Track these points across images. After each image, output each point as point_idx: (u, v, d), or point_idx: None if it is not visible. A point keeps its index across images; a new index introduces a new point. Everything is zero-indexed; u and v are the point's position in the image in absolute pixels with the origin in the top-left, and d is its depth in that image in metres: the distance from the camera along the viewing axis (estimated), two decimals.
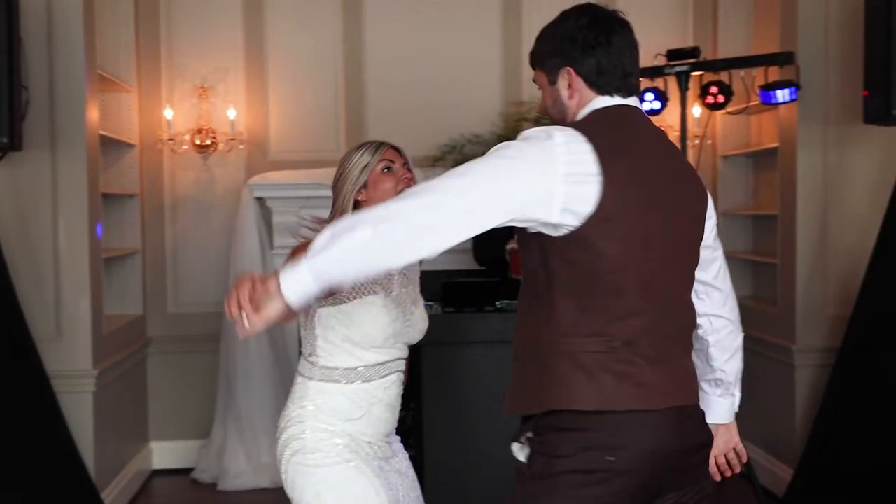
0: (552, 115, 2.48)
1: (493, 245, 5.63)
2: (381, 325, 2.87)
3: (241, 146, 6.45)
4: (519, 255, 2.43)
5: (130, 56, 6.27)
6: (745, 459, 2.80)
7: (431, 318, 4.99)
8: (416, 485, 3.10)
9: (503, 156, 2.20)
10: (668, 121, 6.25)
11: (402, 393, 3.04)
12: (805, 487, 5.12)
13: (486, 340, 5.01)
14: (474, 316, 5.03)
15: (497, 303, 5.08)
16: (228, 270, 6.25)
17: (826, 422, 5.05)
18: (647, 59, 6.16)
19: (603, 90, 2.38)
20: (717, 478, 2.74)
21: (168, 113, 6.36)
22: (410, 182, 2.98)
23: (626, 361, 2.23)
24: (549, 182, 2.17)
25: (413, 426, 5.83)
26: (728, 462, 2.78)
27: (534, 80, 2.54)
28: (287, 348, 6.33)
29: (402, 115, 6.53)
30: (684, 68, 5.65)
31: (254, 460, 6.07)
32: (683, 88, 5.66)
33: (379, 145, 3.02)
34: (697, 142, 6.31)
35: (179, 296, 6.52)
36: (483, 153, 2.32)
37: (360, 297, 2.86)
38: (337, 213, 3.00)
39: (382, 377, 2.94)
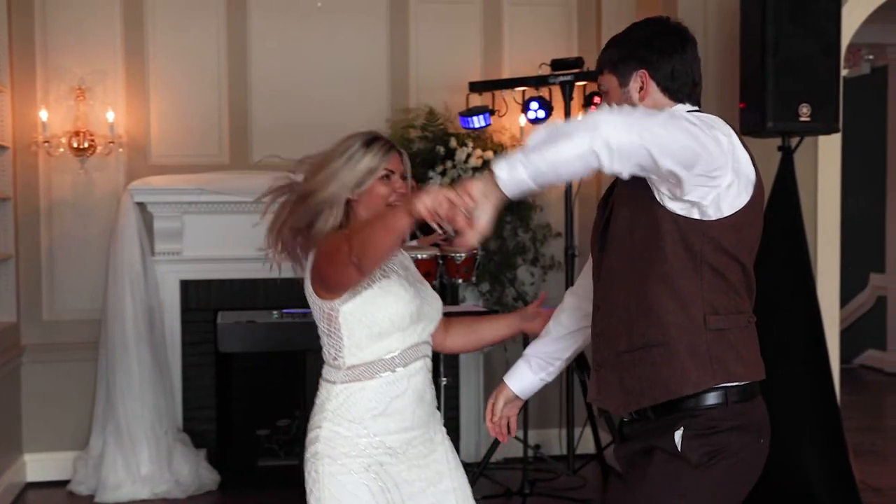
0: None
1: None
2: (405, 301, 2.74)
3: (121, 150, 6.30)
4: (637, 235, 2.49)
5: (3, 54, 6.07)
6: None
7: (314, 325, 5.00)
8: (453, 480, 2.91)
9: (691, 121, 2.33)
10: None
11: (430, 382, 2.89)
12: None
13: None
14: None
15: None
16: (107, 277, 6.10)
17: None
18: (531, 68, 6.28)
19: (675, 96, 2.57)
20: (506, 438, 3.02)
21: (43, 114, 6.18)
22: (402, 196, 2.82)
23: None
24: (726, 162, 2.37)
25: (298, 435, 5.78)
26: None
27: (598, 85, 2.67)
28: (168, 355, 6.21)
29: (288, 120, 6.47)
30: (568, 78, 5.74)
31: (133, 471, 5.93)
32: (567, 98, 5.75)
33: (388, 150, 2.84)
34: None
35: (55, 302, 6.34)
36: None
37: (377, 280, 2.76)
38: (326, 205, 2.78)
39: (406, 365, 2.80)
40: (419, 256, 5.18)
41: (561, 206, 6.11)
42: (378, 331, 2.75)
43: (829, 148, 5.50)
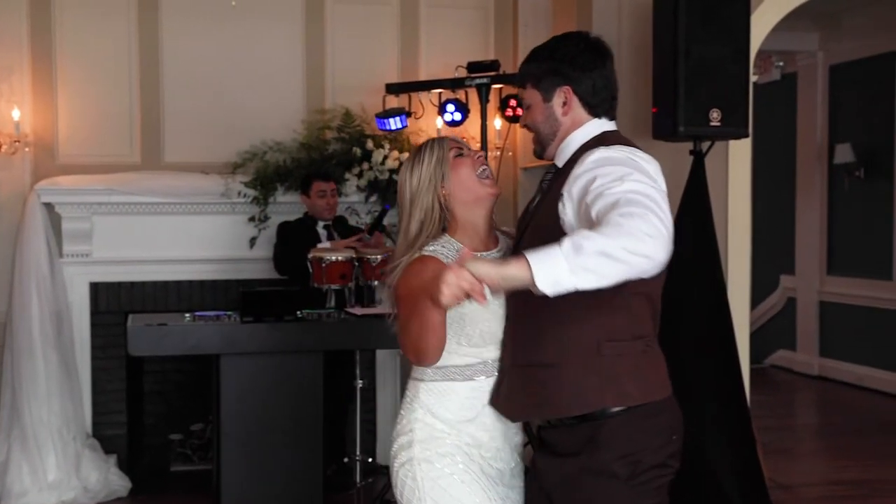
0: (541, 131, 2.66)
1: (294, 254, 5.58)
2: (498, 316, 2.64)
3: (27, 149, 6.16)
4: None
5: None
6: None
7: (228, 327, 4.95)
8: None
9: (646, 176, 2.40)
10: (470, 132, 6.34)
11: None
12: None
13: (286, 350, 4.96)
14: (273, 326, 4.96)
15: (298, 312, 5.03)
16: (12, 279, 5.97)
17: None
18: (448, 70, 6.28)
19: (594, 111, 2.65)
20: None
21: None
22: (483, 160, 2.82)
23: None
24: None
25: (211, 438, 5.71)
26: None
27: (521, 98, 2.74)
28: (77, 359, 6.10)
29: (202, 120, 6.39)
30: (484, 81, 5.75)
31: (39, 478, 5.80)
32: (483, 100, 5.76)
33: (440, 139, 2.81)
34: (498, 153, 6.42)
35: None
36: (285, 161, 2.34)
37: None
38: (428, 221, 2.73)
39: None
40: (334, 258, 5.14)
41: (500, 203, 6.07)
42: (471, 343, 2.68)
43: (740, 152, 5.57)
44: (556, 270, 2.14)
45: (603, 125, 2.66)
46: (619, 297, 2.38)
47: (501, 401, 2.61)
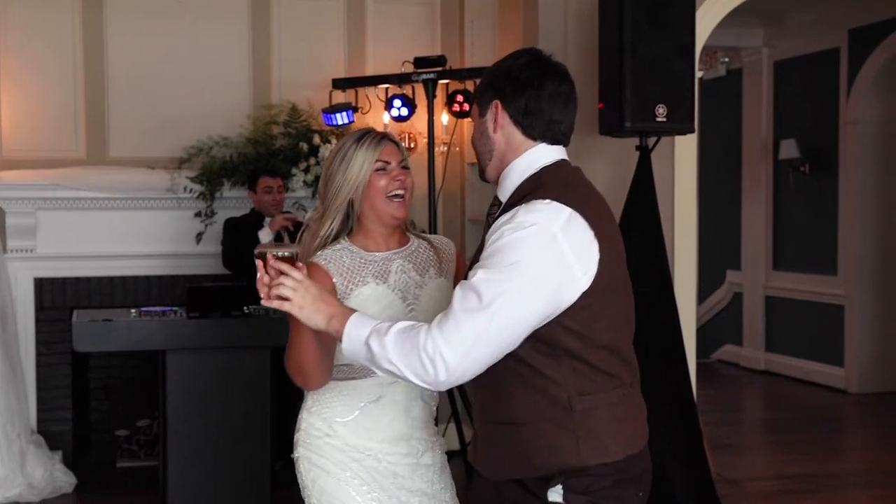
0: (477, 148, 2.51)
1: (242, 249, 5.56)
2: (372, 314, 2.52)
3: None
4: None
5: None
6: None
7: (174, 323, 4.91)
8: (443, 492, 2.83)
9: (521, 274, 2.21)
10: (418, 127, 6.35)
11: (417, 393, 2.74)
12: None
13: (232, 346, 4.94)
14: (220, 321, 4.94)
15: (245, 308, 5.01)
16: None
17: None
18: (395, 66, 6.28)
19: (528, 132, 2.41)
20: None
21: None
22: (404, 183, 2.74)
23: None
24: (568, 278, 2.25)
25: (158, 434, 5.67)
26: None
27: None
28: (21, 355, 6.04)
29: (148, 115, 6.35)
30: (431, 76, 5.75)
31: None
32: (430, 96, 5.76)
33: (379, 140, 2.74)
34: (445, 149, 6.43)
35: None
36: (231, 156, 2.35)
37: (352, 290, 2.67)
38: (331, 213, 2.74)
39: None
40: (280, 254, 5.12)
41: (424, 203, 6.09)
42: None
43: (686, 148, 5.63)
44: (358, 353, 2.30)
45: (546, 154, 2.43)
46: (578, 357, 2.31)
47: (479, 458, 2.49)
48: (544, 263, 2.22)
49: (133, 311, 5.14)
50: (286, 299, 2.36)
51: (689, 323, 5.48)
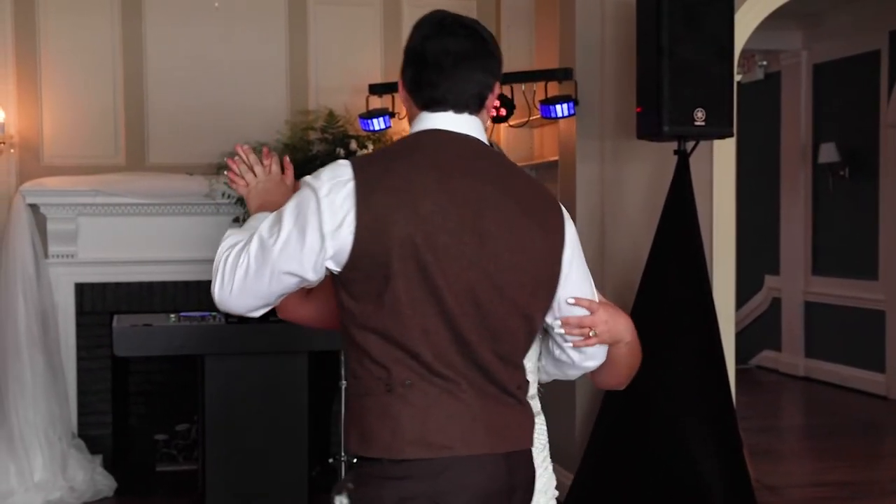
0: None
1: None
2: None
3: (12, 150, 6.16)
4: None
5: None
6: None
7: (213, 328, 4.94)
8: None
9: (280, 219, 2.14)
10: None
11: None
12: (584, 491, 5.28)
13: (271, 351, 4.96)
14: (258, 326, 4.97)
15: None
16: None
17: (603, 428, 5.22)
18: None
19: (417, 99, 2.22)
20: None
21: None
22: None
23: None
24: (316, 240, 2.09)
25: (196, 439, 5.70)
26: None
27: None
28: (62, 360, 6.09)
29: (185, 121, 6.39)
30: None
31: (26, 478, 5.78)
32: None
33: None
34: None
35: None
36: None
37: None
38: None
39: None
40: None
41: None
42: None
43: (725, 152, 5.59)
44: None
45: (425, 121, 2.20)
46: (354, 334, 2.12)
47: None
48: (299, 215, 2.10)
49: (172, 315, 5.17)
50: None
51: (727, 328, 5.44)
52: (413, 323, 2.06)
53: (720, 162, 5.61)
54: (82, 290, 6.23)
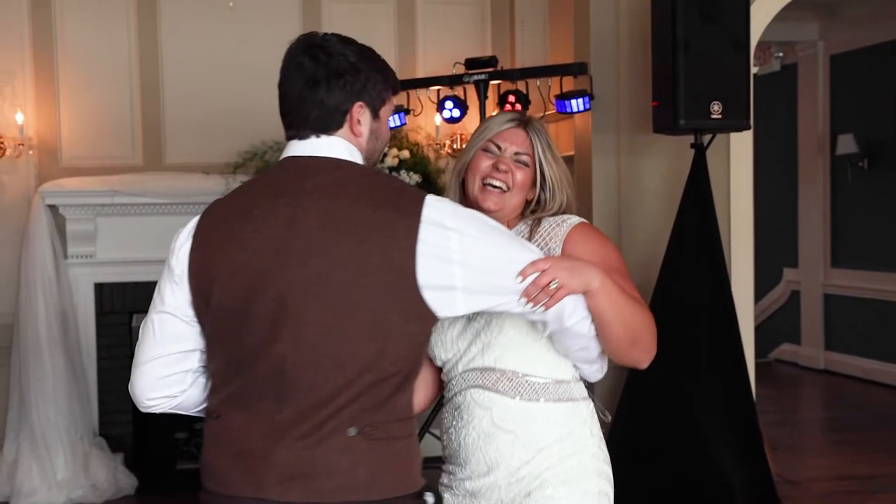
0: None
1: None
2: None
3: (31, 152, 6.20)
4: None
5: None
6: None
7: None
8: None
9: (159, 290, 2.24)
10: (469, 129, 6.35)
11: (496, 423, 2.47)
12: None
13: None
14: None
15: None
16: (19, 280, 6.00)
17: (621, 421, 5.21)
18: (446, 67, 6.28)
19: (286, 128, 2.24)
20: None
21: None
22: (506, 176, 2.46)
23: None
24: (169, 279, 2.21)
25: None
26: None
27: None
28: (83, 359, 6.13)
29: (202, 120, 6.41)
30: (482, 77, 5.75)
31: (49, 477, 5.84)
32: (482, 97, 5.76)
33: (507, 120, 2.50)
34: None
35: None
36: None
37: None
38: (449, 186, 2.56)
39: (458, 390, 2.54)
40: None
41: None
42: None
43: (742, 145, 5.58)
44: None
45: (286, 151, 2.24)
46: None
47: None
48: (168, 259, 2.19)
49: None
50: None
51: (746, 322, 5.43)
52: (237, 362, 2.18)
53: (737, 155, 5.60)
54: (102, 290, 6.26)
